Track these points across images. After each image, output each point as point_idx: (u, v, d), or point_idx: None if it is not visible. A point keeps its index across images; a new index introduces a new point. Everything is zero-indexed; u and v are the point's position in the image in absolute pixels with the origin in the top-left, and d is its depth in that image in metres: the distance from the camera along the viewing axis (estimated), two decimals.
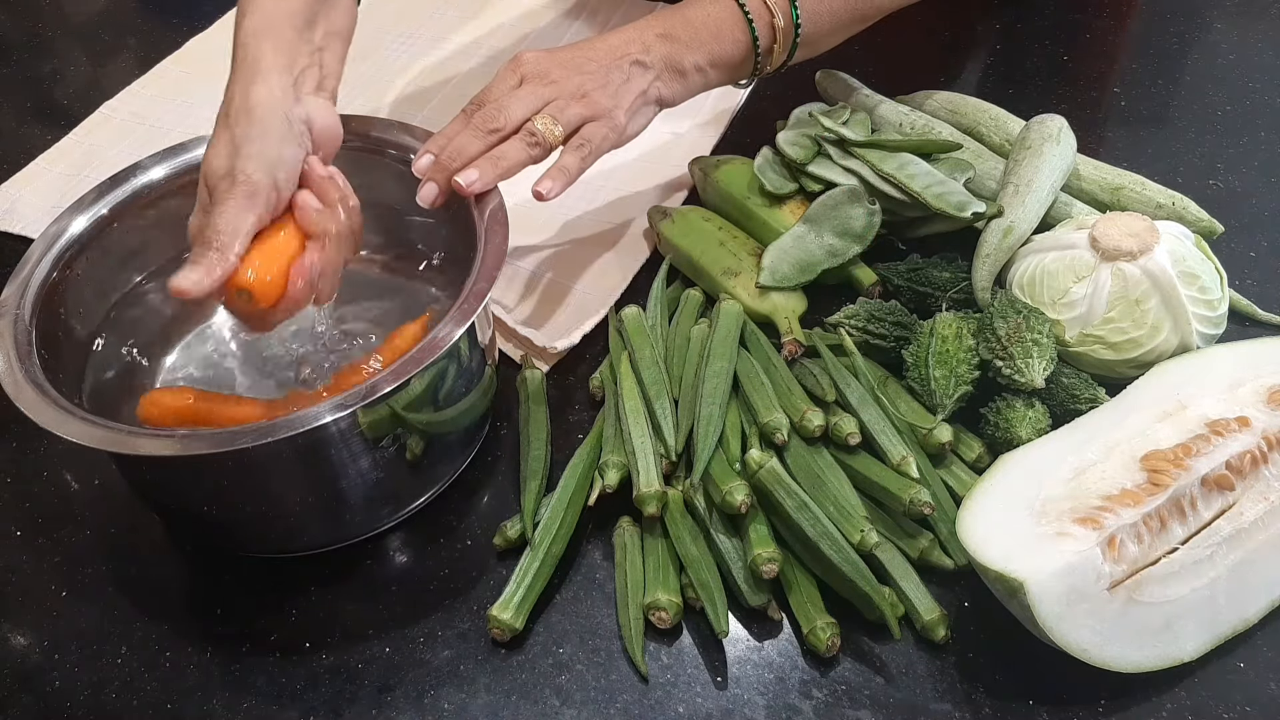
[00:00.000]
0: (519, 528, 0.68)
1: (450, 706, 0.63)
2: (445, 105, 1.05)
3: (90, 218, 0.73)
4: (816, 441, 0.69)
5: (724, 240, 0.83)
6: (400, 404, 0.64)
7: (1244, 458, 0.63)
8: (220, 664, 0.65)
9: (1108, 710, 0.60)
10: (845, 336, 0.74)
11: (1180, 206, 0.81)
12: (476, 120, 0.73)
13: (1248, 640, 0.62)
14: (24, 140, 1.05)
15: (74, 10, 1.27)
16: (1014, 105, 0.90)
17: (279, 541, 0.69)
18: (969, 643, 0.63)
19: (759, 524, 0.65)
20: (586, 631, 0.65)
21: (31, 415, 0.60)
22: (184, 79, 1.12)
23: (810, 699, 0.62)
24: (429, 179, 0.71)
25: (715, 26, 0.79)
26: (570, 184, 0.73)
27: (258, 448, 0.59)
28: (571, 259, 0.87)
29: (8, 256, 0.89)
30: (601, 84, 0.75)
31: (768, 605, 0.64)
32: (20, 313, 0.67)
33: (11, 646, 0.67)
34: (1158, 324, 0.69)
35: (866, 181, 0.82)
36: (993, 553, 0.59)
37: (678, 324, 0.79)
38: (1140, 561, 0.60)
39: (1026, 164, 0.80)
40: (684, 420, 0.71)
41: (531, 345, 0.80)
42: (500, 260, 0.67)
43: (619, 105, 0.75)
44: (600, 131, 0.74)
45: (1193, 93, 1.01)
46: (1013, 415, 0.68)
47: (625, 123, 0.76)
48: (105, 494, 0.75)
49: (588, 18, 1.15)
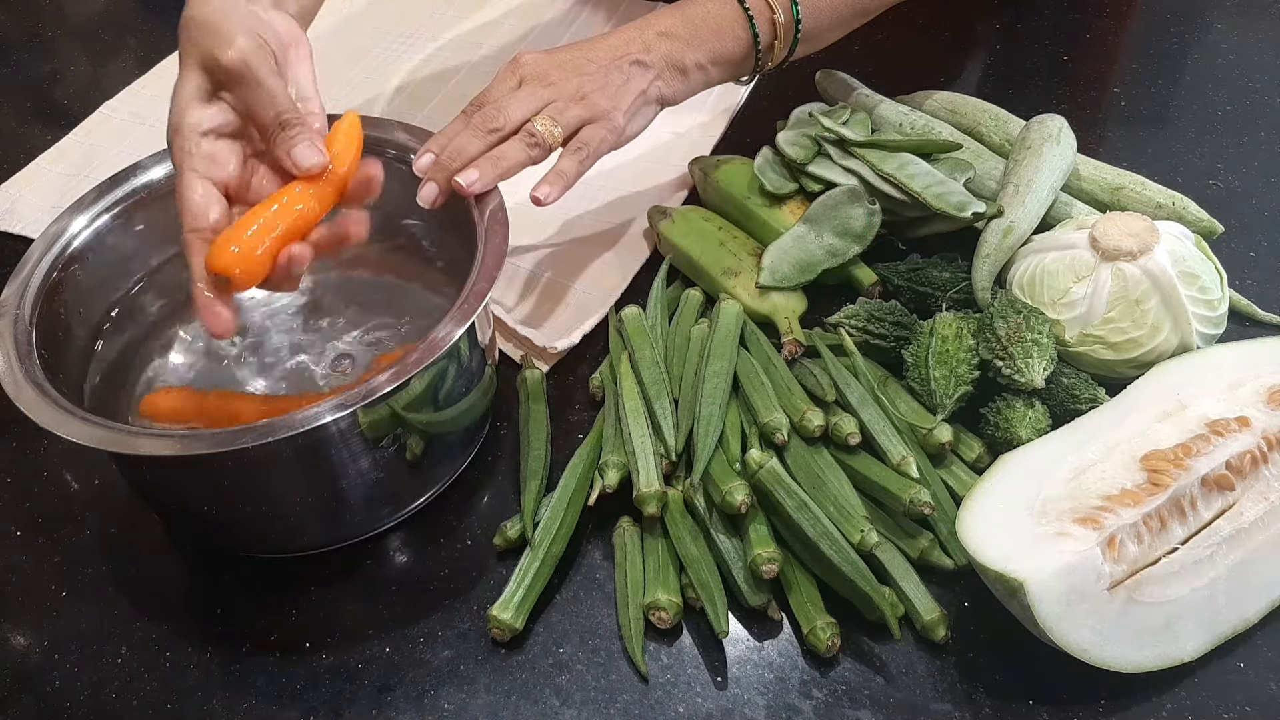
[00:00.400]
0: (519, 528, 0.68)
1: (450, 706, 0.63)
2: (445, 105, 1.05)
3: (90, 218, 0.73)
4: (816, 441, 0.69)
5: (724, 240, 0.83)
6: (400, 404, 0.64)
7: (1244, 458, 0.63)
8: (220, 664, 0.65)
9: (1108, 710, 0.60)
10: (845, 336, 0.74)
11: (1180, 206, 0.81)
12: (476, 120, 0.73)
13: (1248, 640, 0.62)
14: (24, 140, 1.05)
15: (74, 10, 1.27)
16: (1014, 105, 0.90)
17: (279, 541, 0.69)
18: (969, 643, 0.63)
19: (759, 524, 0.65)
20: (586, 631, 0.65)
21: (31, 415, 0.60)
22: None
23: (810, 699, 0.62)
24: (429, 179, 0.71)
25: (716, 23, 0.79)
26: (569, 188, 0.73)
27: (258, 448, 0.59)
28: (571, 259, 0.87)
29: (8, 256, 0.89)
30: (600, 85, 0.75)
31: (768, 605, 0.64)
32: (20, 313, 0.67)
33: (11, 646, 0.67)
34: (1158, 324, 0.69)
35: (866, 181, 0.82)
36: (993, 553, 0.59)
37: (678, 324, 0.79)
38: (1140, 561, 0.60)
39: (1026, 164, 0.80)
40: (684, 420, 0.71)
41: (531, 345, 0.80)
42: (500, 260, 0.67)
43: (618, 107, 0.75)
44: (599, 134, 0.74)
45: (1193, 93, 1.01)
46: (1013, 415, 0.68)
47: (624, 124, 0.75)
48: (105, 494, 0.75)
49: (588, 16, 1.15)
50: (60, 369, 0.68)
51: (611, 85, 0.75)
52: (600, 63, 0.76)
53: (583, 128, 0.74)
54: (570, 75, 0.75)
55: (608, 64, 0.75)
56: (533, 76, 0.75)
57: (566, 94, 0.74)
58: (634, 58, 0.76)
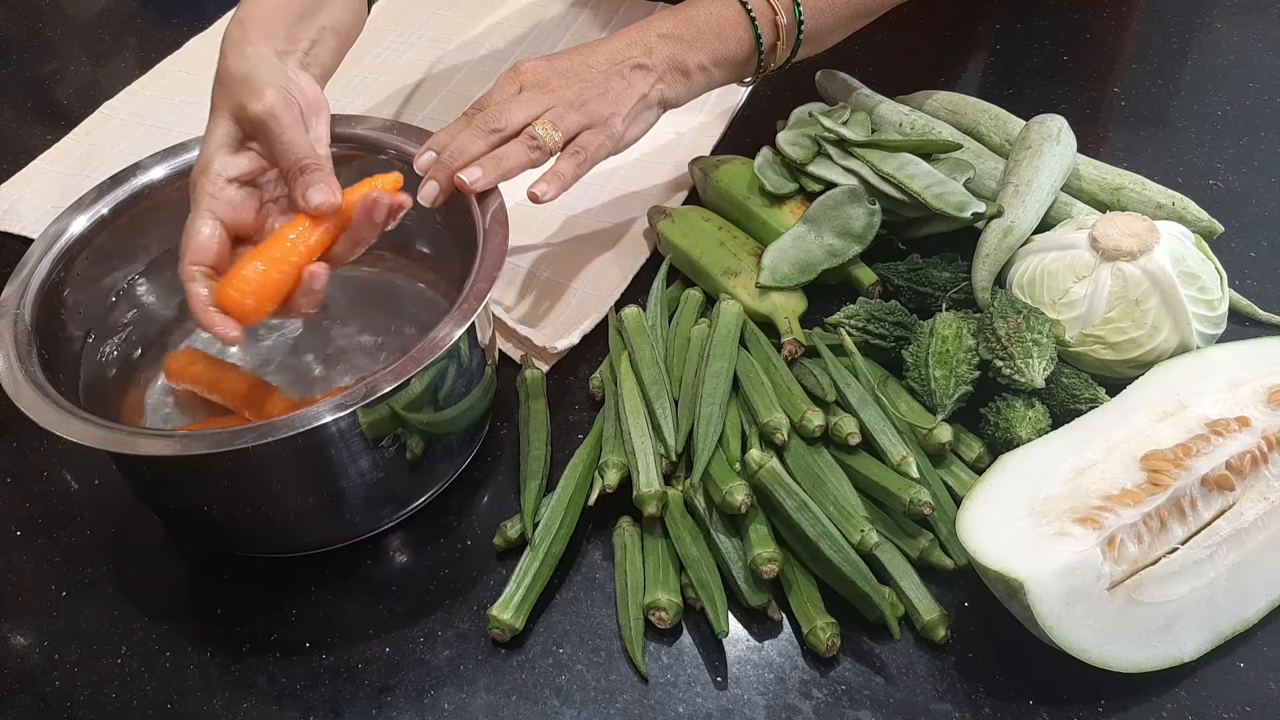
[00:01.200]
0: (519, 528, 0.68)
1: (450, 706, 0.63)
2: (445, 105, 1.05)
3: (90, 218, 0.73)
4: (816, 441, 0.69)
5: (724, 240, 0.83)
6: (400, 404, 0.64)
7: (1244, 458, 0.63)
8: (220, 664, 0.65)
9: (1108, 710, 0.60)
10: (845, 336, 0.74)
11: (1180, 206, 0.81)
12: (478, 121, 0.73)
13: (1248, 640, 0.62)
14: (24, 140, 1.05)
15: (74, 10, 1.27)
16: (1014, 105, 0.90)
17: (279, 541, 0.69)
18: (969, 643, 0.63)
19: (759, 524, 0.65)
20: (586, 631, 0.65)
21: (31, 415, 0.60)
22: (184, 79, 1.12)
23: (810, 699, 0.62)
24: (430, 177, 0.71)
25: (718, 25, 0.79)
26: (565, 189, 0.73)
27: (258, 448, 0.59)
28: (571, 259, 0.87)
29: (8, 256, 0.89)
30: (600, 92, 0.75)
31: (768, 605, 0.64)
32: (20, 313, 0.67)
33: (11, 646, 0.67)
34: (1158, 324, 0.69)
35: (866, 181, 0.82)
36: (993, 553, 0.59)
37: (678, 324, 0.79)
38: (1140, 561, 0.60)
39: (1026, 164, 0.80)
40: (684, 420, 0.71)
41: (531, 345, 0.80)
42: (500, 260, 0.67)
43: (617, 113, 0.75)
44: (597, 139, 0.74)
45: (1193, 93, 1.01)
46: (1013, 415, 0.68)
47: (623, 130, 0.76)
48: (105, 494, 0.75)
49: (589, 15, 1.15)
50: (60, 369, 0.68)
51: (612, 92, 0.75)
52: (600, 69, 0.76)
53: (581, 133, 0.74)
54: (570, 82, 0.75)
55: (608, 70, 0.76)
56: (533, 84, 0.75)
57: (566, 100, 0.74)
58: (635, 61, 0.76)
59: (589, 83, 0.75)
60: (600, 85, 0.75)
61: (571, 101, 0.74)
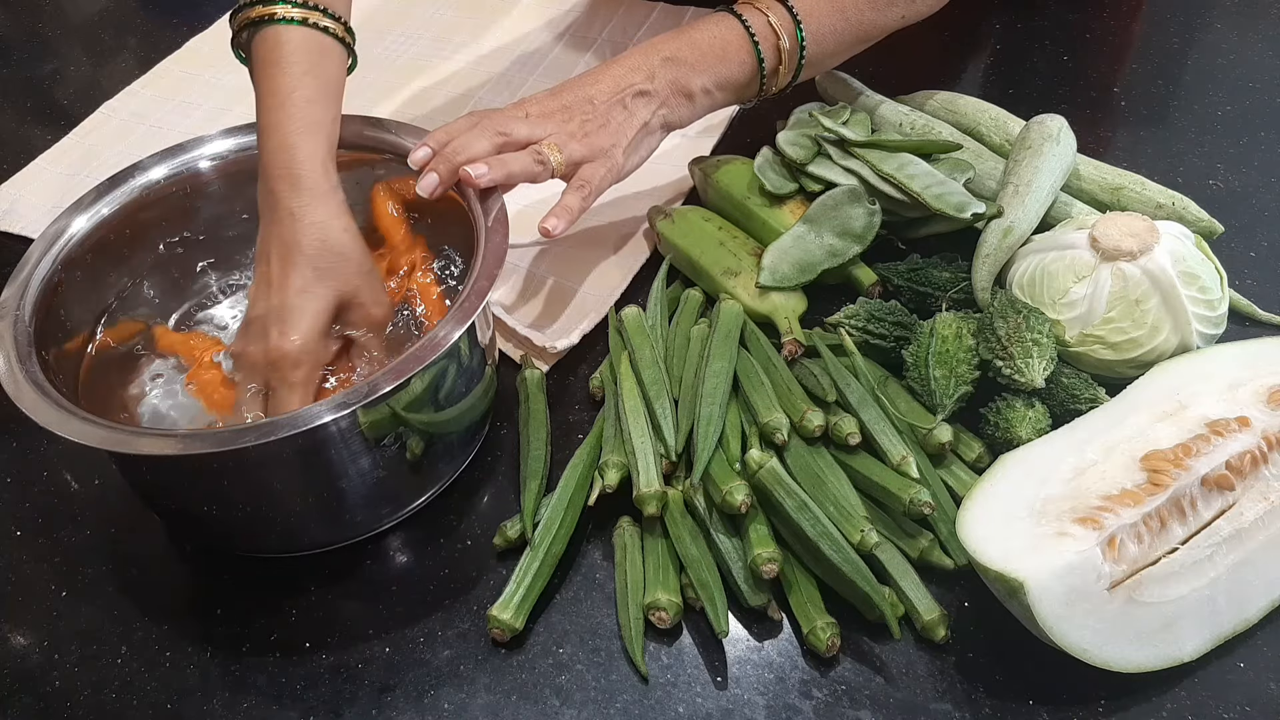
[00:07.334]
0: (519, 528, 0.68)
1: (450, 706, 0.63)
2: (445, 107, 1.05)
3: (90, 218, 0.73)
4: (816, 441, 0.69)
5: (724, 240, 0.83)
6: (400, 404, 0.64)
7: (1244, 458, 0.63)
8: (220, 664, 0.65)
9: (1108, 710, 0.60)
10: (845, 336, 0.74)
11: (1180, 206, 0.81)
12: (485, 123, 0.74)
13: (1248, 640, 0.62)
14: (24, 140, 1.05)
15: (74, 10, 1.27)
16: (1014, 105, 0.90)
17: (279, 541, 0.69)
18: (969, 643, 0.63)
19: (759, 524, 0.65)
20: (586, 631, 0.65)
21: (31, 415, 0.60)
22: (184, 79, 1.12)
23: (810, 699, 0.62)
24: (432, 169, 0.72)
25: (721, 48, 0.80)
26: (573, 222, 0.74)
27: (258, 448, 0.59)
28: (571, 259, 0.87)
29: (8, 256, 0.89)
30: (602, 124, 0.77)
31: (768, 605, 0.64)
32: (20, 313, 0.67)
33: (11, 646, 0.67)
34: (1158, 324, 0.69)
35: (866, 181, 0.82)
36: (993, 553, 0.59)
37: (678, 324, 0.79)
38: (1140, 561, 0.60)
39: (1026, 164, 0.80)
40: (684, 420, 0.71)
41: (531, 345, 0.80)
42: (500, 260, 0.67)
43: (618, 144, 0.77)
44: (599, 171, 0.76)
45: (1193, 93, 1.01)
46: (1013, 415, 0.68)
47: (623, 161, 0.78)
48: (105, 494, 0.75)
49: (589, 14, 1.15)
50: (60, 369, 0.68)
51: (613, 124, 0.77)
52: (603, 100, 0.77)
53: (584, 165, 0.75)
54: (574, 114, 0.77)
55: (609, 101, 0.77)
56: (538, 115, 0.77)
57: (569, 131, 0.76)
58: (638, 89, 0.78)
59: (590, 117, 0.77)
60: (602, 117, 0.77)
61: (574, 133, 0.76)
